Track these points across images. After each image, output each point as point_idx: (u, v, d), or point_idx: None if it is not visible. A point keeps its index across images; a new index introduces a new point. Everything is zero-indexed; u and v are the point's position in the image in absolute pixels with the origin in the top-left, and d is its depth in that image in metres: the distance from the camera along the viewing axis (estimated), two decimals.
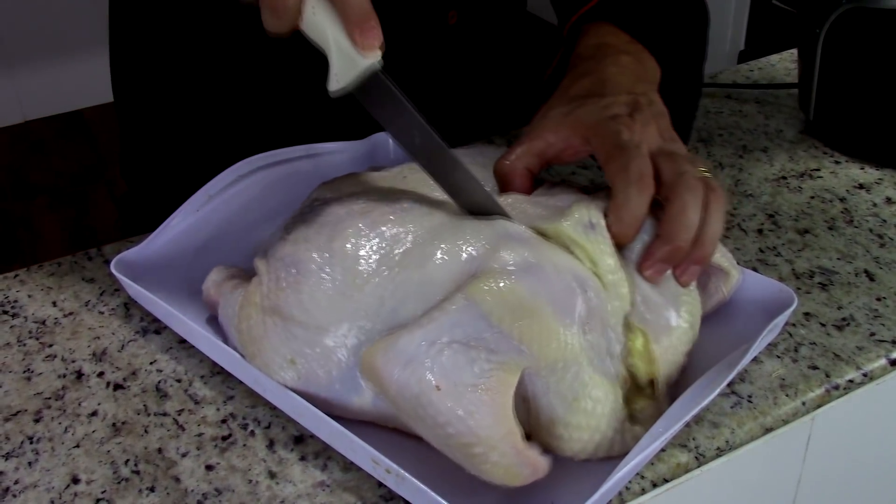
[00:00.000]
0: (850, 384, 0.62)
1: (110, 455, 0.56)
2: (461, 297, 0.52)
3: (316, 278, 0.56)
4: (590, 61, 0.68)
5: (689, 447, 0.57)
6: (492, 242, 0.55)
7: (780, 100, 0.96)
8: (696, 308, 0.60)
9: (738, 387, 0.61)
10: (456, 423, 0.50)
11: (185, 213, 0.68)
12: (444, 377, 0.50)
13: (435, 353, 0.51)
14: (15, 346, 0.65)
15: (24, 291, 0.70)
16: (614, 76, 0.66)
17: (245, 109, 0.86)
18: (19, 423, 0.59)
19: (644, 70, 0.68)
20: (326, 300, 0.55)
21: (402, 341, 0.51)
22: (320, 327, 0.55)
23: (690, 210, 0.57)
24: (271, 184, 0.72)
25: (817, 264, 0.72)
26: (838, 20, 0.82)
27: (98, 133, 2.90)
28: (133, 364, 0.63)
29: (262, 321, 0.57)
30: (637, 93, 0.64)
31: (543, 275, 0.53)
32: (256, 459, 0.56)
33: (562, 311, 0.53)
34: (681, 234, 0.57)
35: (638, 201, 0.57)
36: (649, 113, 0.63)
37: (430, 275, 0.54)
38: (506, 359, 0.51)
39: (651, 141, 0.60)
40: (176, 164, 0.91)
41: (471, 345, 0.51)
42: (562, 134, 0.63)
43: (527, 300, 0.52)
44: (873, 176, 0.83)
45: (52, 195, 2.63)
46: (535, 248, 0.55)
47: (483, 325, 0.51)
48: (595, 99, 0.63)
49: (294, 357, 0.55)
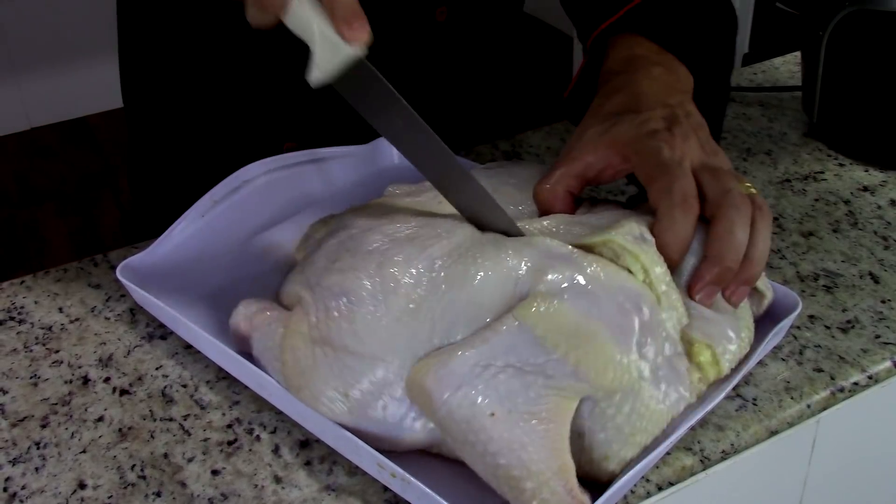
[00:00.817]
0: (856, 387, 0.62)
1: (116, 460, 0.57)
2: (512, 320, 0.51)
3: (369, 306, 0.54)
4: (621, 76, 0.66)
5: (694, 450, 0.57)
6: (536, 262, 0.53)
7: (783, 102, 0.96)
8: (751, 323, 0.59)
9: (742, 390, 0.61)
10: (507, 454, 0.48)
11: (190, 219, 0.68)
12: (499, 403, 0.48)
13: (489, 377, 0.49)
14: (21, 352, 0.65)
15: (30, 297, 0.70)
16: (648, 89, 0.64)
17: (250, 114, 0.86)
18: (26, 428, 0.59)
19: (677, 80, 0.66)
20: (382, 329, 0.53)
21: (455, 362, 0.50)
22: (375, 357, 0.53)
23: (738, 229, 0.56)
24: (275, 188, 0.73)
25: (822, 267, 0.72)
26: (841, 23, 0.82)
27: (103, 139, 2.91)
28: (139, 369, 0.63)
29: (312, 352, 0.54)
30: (673, 105, 0.63)
31: (594, 297, 0.51)
32: (262, 464, 0.56)
33: (618, 335, 0.51)
34: (729, 254, 0.56)
35: (683, 224, 0.56)
36: (688, 125, 0.61)
37: (477, 296, 0.53)
38: (563, 384, 0.49)
39: (693, 156, 0.59)
40: (182, 168, 0.91)
41: (526, 370, 0.49)
42: (600, 154, 0.61)
43: (581, 325, 0.50)
44: (878, 178, 0.83)
45: (58, 201, 2.64)
46: (582, 267, 0.53)
47: (537, 349, 0.49)
48: (631, 115, 0.62)
49: (347, 389, 0.53)
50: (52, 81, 2.96)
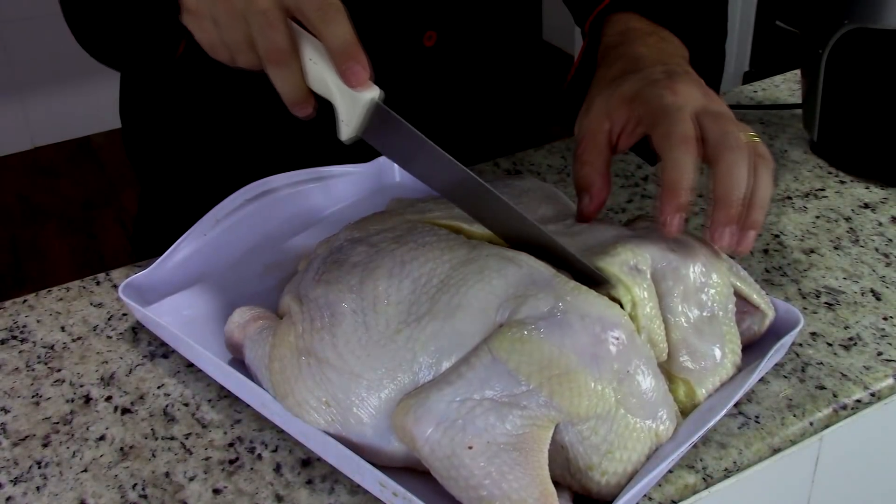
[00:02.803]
0: (858, 404, 0.62)
1: (118, 479, 0.56)
2: (487, 353, 0.51)
3: (350, 323, 0.55)
4: (618, 48, 0.69)
5: (696, 468, 0.57)
6: (518, 289, 0.54)
7: (784, 120, 0.97)
8: (738, 345, 0.59)
9: (745, 407, 0.60)
10: (489, 486, 0.49)
11: (192, 238, 0.69)
12: (477, 436, 0.49)
13: (466, 412, 0.50)
14: (24, 371, 0.65)
15: (32, 316, 0.70)
16: (645, 54, 0.67)
17: (253, 133, 0.86)
18: (27, 447, 0.59)
19: (673, 48, 0.69)
20: (360, 348, 0.54)
21: (432, 400, 0.51)
22: (354, 373, 0.54)
23: (737, 168, 0.57)
24: (278, 207, 0.73)
25: (823, 284, 0.72)
26: (841, 41, 0.83)
27: (106, 159, 2.91)
28: (141, 388, 0.63)
29: (297, 361, 0.56)
30: (671, 63, 0.65)
31: (569, 327, 0.52)
32: (264, 483, 0.56)
33: (591, 364, 0.51)
34: (733, 191, 0.57)
35: (685, 162, 0.57)
36: (688, 77, 0.63)
37: (459, 324, 0.53)
38: (538, 414, 0.50)
39: (695, 102, 0.60)
40: (189, 187, 0.91)
41: (502, 402, 0.50)
42: (614, 116, 0.63)
43: (554, 355, 0.51)
44: (878, 195, 0.83)
45: (61, 220, 2.64)
46: (561, 295, 0.53)
47: (512, 381, 0.50)
48: (632, 75, 0.64)
49: (328, 400, 0.54)
50: (55, 101, 2.97)
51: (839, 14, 0.82)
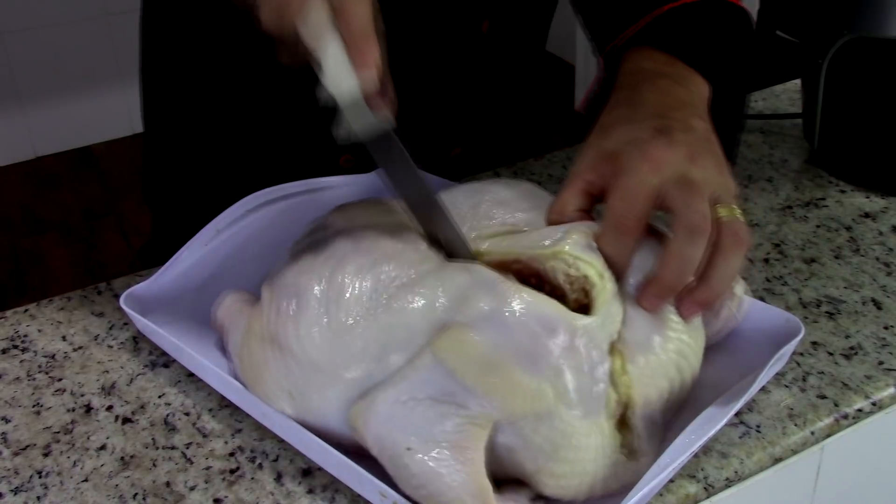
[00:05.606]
0: (859, 413, 0.62)
1: (119, 489, 0.56)
2: (428, 354, 0.53)
3: (314, 313, 0.56)
4: (626, 90, 0.66)
5: (697, 478, 0.57)
6: (465, 291, 0.55)
7: (784, 130, 0.97)
8: (681, 325, 0.57)
9: (746, 416, 0.60)
10: (428, 484, 0.50)
11: (193, 248, 0.69)
12: (416, 436, 0.51)
13: (408, 412, 0.51)
14: (24, 381, 0.65)
15: (33, 326, 0.70)
16: (648, 101, 0.63)
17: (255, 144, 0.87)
18: (28, 457, 0.59)
19: (686, 91, 0.64)
20: (320, 338, 0.55)
21: (378, 401, 0.52)
22: (314, 364, 0.55)
23: (685, 249, 0.54)
24: (279, 218, 0.73)
25: (824, 293, 0.72)
26: (841, 50, 0.83)
27: (108, 168, 2.92)
28: (142, 398, 0.63)
29: (263, 350, 0.57)
30: (671, 117, 0.60)
31: (506, 326, 0.52)
32: (264, 493, 0.56)
33: (526, 361, 0.51)
34: (669, 273, 0.55)
35: (615, 245, 0.56)
36: (682, 137, 0.59)
37: (410, 323, 0.54)
38: (475, 413, 0.51)
39: (669, 168, 0.56)
40: (201, 193, 0.92)
41: (441, 401, 0.51)
42: (596, 169, 0.60)
43: (489, 354, 0.51)
44: (879, 205, 0.83)
45: (62, 230, 2.65)
46: (501, 297, 0.53)
47: (451, 381, 0.51)
48: (621, 126, 0.61)
49: (291, 390, 0.56)
50: (57, 111, 2.98)
51: (839, 24, 0.82)
